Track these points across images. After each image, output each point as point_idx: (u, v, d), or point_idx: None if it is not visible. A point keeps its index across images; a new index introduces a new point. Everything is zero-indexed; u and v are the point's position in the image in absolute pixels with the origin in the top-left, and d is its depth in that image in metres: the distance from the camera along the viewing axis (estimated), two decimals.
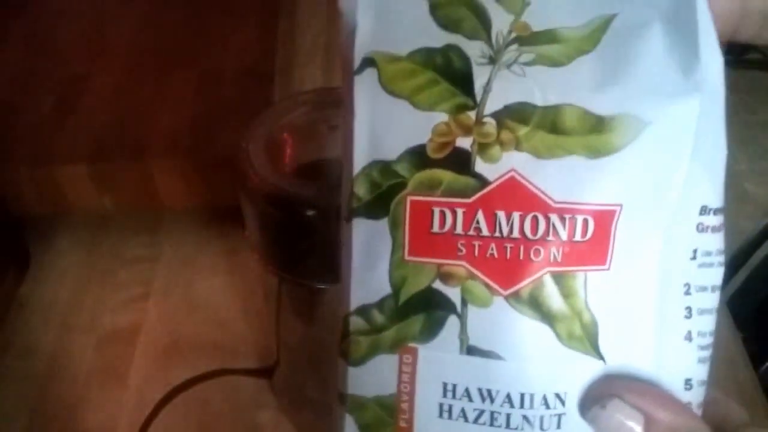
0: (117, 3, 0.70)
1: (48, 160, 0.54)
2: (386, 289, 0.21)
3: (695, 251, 0.21)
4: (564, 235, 0.19)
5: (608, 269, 0.20)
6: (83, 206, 0.56)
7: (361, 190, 0.22)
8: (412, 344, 0.21)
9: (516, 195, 0.20)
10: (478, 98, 0.20)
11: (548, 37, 0.20)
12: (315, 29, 0.71)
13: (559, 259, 0.20)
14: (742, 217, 0.66)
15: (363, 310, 0.22)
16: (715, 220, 0.21)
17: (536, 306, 0.20)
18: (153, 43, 0.65)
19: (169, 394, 0.45)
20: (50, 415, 0.46)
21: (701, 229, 0.21)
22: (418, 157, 0.21)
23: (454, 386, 0.21)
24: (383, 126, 0.22)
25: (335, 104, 0.39)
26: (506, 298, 0.20)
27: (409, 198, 0.21)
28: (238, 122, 0.39)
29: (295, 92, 0.63)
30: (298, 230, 0.36)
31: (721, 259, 0.22)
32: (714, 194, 0.21)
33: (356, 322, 0.22)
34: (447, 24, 0.21)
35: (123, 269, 0.55)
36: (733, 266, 0.74)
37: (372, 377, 0.22)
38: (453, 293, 0.20)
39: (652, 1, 0.20)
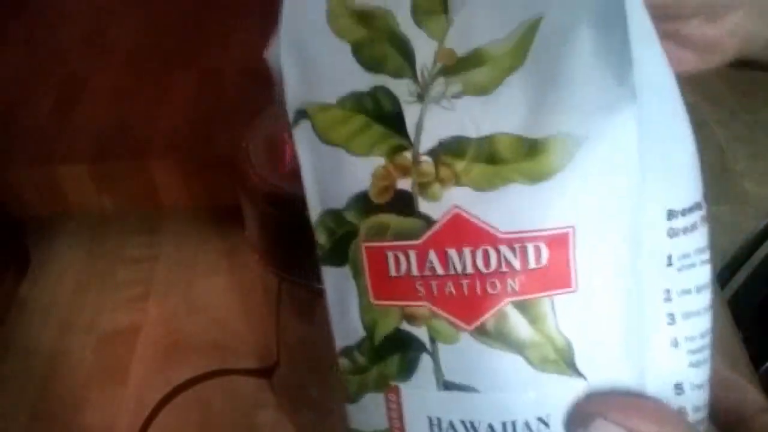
0: (117, 3, 0.70)
1: (48, 160, 0.54)
2: (361, 332, 0.22)
3: (669, 257, 0.20)
4: (517, 264, 0.19)
5: (575, 290, 0.19)
6: (83, 206, 0.56)
7: (322, 238, 0.22)
8: (393, 383, 0.21)
9: (463, 231, 0.19)
10: (412, 137, 0.20)
11: (474, 60, 0.19)
12: None
13: (517, 289, 0.19)
14: (742, 217, 0.66)
15: (347, 352, 0.22)
16: (687, 220, 0.20)
17: (503, 337, 0.19)
18: (153, 43, 0.65)
19: (169, 394, 0.45)
20: (50, 415, 0.46)
21: (672, 233, 0.20)
22: (363, 203, 0.21)
23: (439, 420, 0.21)
24: (326, 175, 0.22)
25: None
26: (471, 332, 0.20)
27: (363, 245, 0.21)
28: (238, 122, 0.39)
29: None
30: (298, 230, 0.36)
31: (705, 256, 0.21)
32: (681, 195, 0.20)
33: (344, 363, 0.23)
34: (370, 65, 0.20)
35: (123, 269, 0.55)
36: (733, 266, 0.74)
37: (366, 413, 0.22)
38: (421, 333, 0.20)
39: (578, 1, 0.19)
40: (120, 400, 0.47)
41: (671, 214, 0.20)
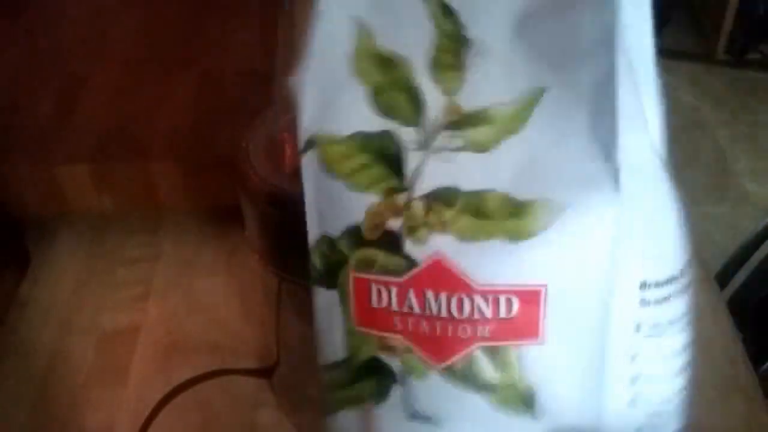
0: (117, 3, 0.70)
1: (48, 160, 0.54)
2: (344, 352, 0.23)
3: (638, 325, 0.22)
4: (489, 313, 0.20)
5: (542, 342, 0.20)
6: (83, 206, 0.56)
7: (316, 261, 0.23)
8: (368, 403, 0.23)
9: (442, 276, 0.21)
10: (409, 182, 0.21)
11: (478, 118, 0.21)
12: None
13: (487, 335, 0.21)
14: (742, 217, 0.66)
15: (330, 368, 0.24)
16: (660, 292, 0.22)
17: (470, 378, 0.21)
18: (153, 43, 0.65)
19: (169, 394, 0.45)
20: (50, 414, 0.46)
21: (644, 303, 0.21)
22: (355, 235, 0.22)
23: None
24: (326, 204, 0.23)
25: None
26: (440, 371, 0.21)
27: (351, 274, 0.22)
28: (238, 122, 0.39)
29: None
30: (298, 230, 0.36)
31: (679, 325, 0.22)
32: (658, 268, 0.21)
33: (326, 377, 0.24)
34: (384, 110, 0.22)
35: (123, 269, 0.55)
36: (733, 266, 0.74)
37: (343, 426, 0.24)
38: (395, 363, 0.22)
39: (577, 78, 0.20)
40: (120, 400, 0.47)
41: (644, 286, 0.21)
